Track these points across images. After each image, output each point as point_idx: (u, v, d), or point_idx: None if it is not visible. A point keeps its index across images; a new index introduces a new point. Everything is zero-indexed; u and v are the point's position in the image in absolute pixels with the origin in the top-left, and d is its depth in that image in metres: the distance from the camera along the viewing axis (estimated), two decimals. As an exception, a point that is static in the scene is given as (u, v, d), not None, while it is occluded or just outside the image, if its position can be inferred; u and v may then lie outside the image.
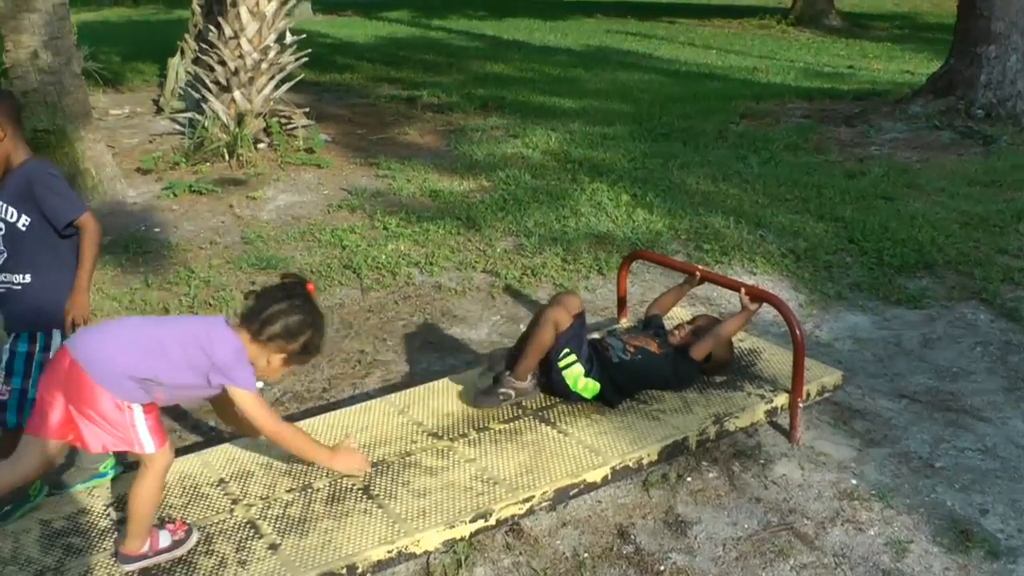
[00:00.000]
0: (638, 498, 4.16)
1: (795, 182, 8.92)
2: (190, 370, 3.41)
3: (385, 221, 7.99)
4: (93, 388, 3.29)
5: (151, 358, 3.35)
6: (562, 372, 4.46)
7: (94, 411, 3.30)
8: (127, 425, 3.32)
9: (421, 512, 3.75)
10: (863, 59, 18.49)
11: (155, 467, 3.40)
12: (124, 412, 3.32)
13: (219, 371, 3.41)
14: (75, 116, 8.29)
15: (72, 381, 3.31)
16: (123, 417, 3.32)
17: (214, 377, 3.42)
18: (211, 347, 3.41)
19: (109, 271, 6.99)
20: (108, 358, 3.33)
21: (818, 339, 5.77)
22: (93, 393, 3.29)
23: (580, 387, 4.48)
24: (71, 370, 3.31)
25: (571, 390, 4.49)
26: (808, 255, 7.06)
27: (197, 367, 3.41)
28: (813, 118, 12.02)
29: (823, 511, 4.05)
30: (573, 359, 4.45)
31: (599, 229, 7.71)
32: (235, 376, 3.44)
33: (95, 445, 3.33)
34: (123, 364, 3.32)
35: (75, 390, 3.31)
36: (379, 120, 12.34)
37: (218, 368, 3.41)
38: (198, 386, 3.47)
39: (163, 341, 3.40)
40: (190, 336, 3.43)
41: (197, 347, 3.40)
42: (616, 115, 12.33)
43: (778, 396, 4.64)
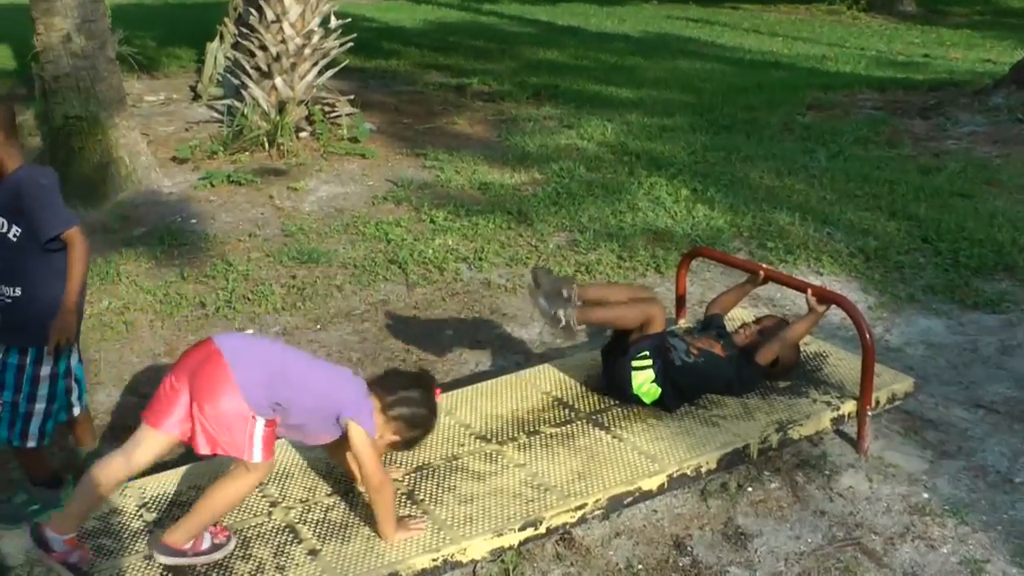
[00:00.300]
0: (696, 508, 4.15)
1: (865, 177, 8.84)
2: (319, 414, 3.59)
3: (432, 214, 8.03)
4: (228, 385, 3.39)
5: (291, 386, 3.51)
6: (632, 370, 4.47)
7: (216, 411, 3.39)
8: (245, 434, 3.42)
9: (468, 519, 3.78)
10: (940, 47, 18.26)
11: (253, 476, 3.49)
12: (247, 422, 3.42)
13: (349, 409, 3.56)
14: (109, 102, 8.40)
15: (206, 372, 3.42)
16: (244, 426, 3.42)
17: (346, 410, 3.55)
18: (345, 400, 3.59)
19: (143, 263, 7.09)
20: (256, 365, 3.48)
21: (888, 344, 5.72)
22: (225, 390, 3.39)
23: (644, 391, 4.49)
24: (211, 359, 3.43)
25: (632, 390, 4.50)
26: (879, 255, 7.00)
27: (327, 415, 3.58)
28: (885, 110, 11.90)
29: (892, 526, 4.02)
30: (649, 363, 4.46)
31: (657, 225, 7.70)
32: (362, 417, 3.57)
33: (204, 448, 3.42)
34: (266, 378, 3.47)
35: (206, 383, 3.41)
36: (427, 109, 12.38)
37: (348, 407, 3.57)
38: (318, 427, 3.63)
39: (308, 379, 3.58)
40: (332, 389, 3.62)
41: (332, 399, 3.58)
42: (676, 105, 12.28)
43: (845, 403, 4.61)
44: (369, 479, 3.56)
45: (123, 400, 5.20)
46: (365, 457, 3.55)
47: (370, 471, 3.56)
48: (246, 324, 6.07)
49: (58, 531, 3.44)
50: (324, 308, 6.34)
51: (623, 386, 4.53)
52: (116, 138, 8.47)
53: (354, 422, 3.54)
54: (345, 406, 3.56)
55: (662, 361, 4.49)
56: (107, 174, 8.41)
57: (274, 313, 6.24)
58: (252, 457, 3.43)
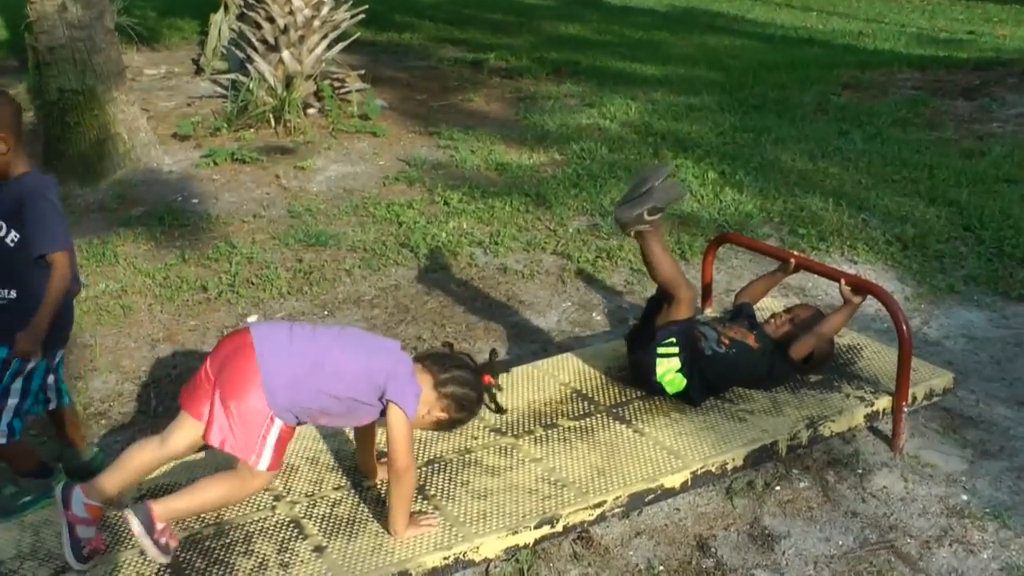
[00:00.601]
0: (720, 507, 4.15)
1: (904, 161, 8.80)
2: (359, 398, 3.60)
3: (446, 196, 8.03)
4: (253, 385, 3.45)
5: (326, 378, 3.54)
6: (657, 356, 4.46)
7: (237, 406, 3.44)
8: (260, 435, 3.46)
9: (481, 516, 3.78)
10: (986, 24, 18.16)
11: (253, 483, 3.54)
12: (264, 422, 3.47)
13: (393, 389, 3.57)
14: (107, 76, 8.40)
15: (235, 365, 3.48)
16: (261, 426, 3.46)
17: (390, 390, 3.56)
18: (389, 379, 3.59)
19: (142, 245, 7.11)
20: (285, 365, 3.51)
21: (926, 337, 5.70)
22: (249, 390, 3.45)
23: (667, 379, 4.47)
24: (242, 352, 3.50)
25: (656, 379, 4.48)
26: (917, 243, 6.97)
27: (368, 397, 3.60)
28: (926, 90, 11.84)
29: (928, 529, 4.01)
30: (675, 351, 4.45)
31: (683, 209, 7.68)
32: (406, 399, 3.58)
33: (215, 438, 3.46)
34: (292, 380, 3.50)
35: (232, 376, 3.47)
36: (441, 85, 12.38)
37: (393, 387, 3.58)
38: (357, 412, 3.65)
39: (346, 366, 3.59)
40: (375, 370, 3.60)
41: (373, 384, 3.58)
42: (703, 84, 12.25)
43: (880, 399, 4.60)
44: (396, 461, 3.57)
45: (120, 388, 5.23)
46: (399, 439, 3.56)
47: (400, 453, 3.56)
48: (250, 309, 6.08)
49: (85, 493, 3.50)
50: (332, 293, 6.35)
51: (647, 373, 4.52)
52: (114, 113, 8.48)
53: (396, 403, 3.55)
54: (389, 385, 3.57)
55: (690, 351, 4.47)
56: (104, 151, 8.43)
57: (279, 298, 6.25)
58: (258, 463, 3.47)
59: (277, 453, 3.50)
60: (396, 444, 3.56)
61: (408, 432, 3.58)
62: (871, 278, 6.25)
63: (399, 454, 3.55)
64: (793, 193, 8.00)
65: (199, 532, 3.70)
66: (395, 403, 3.55)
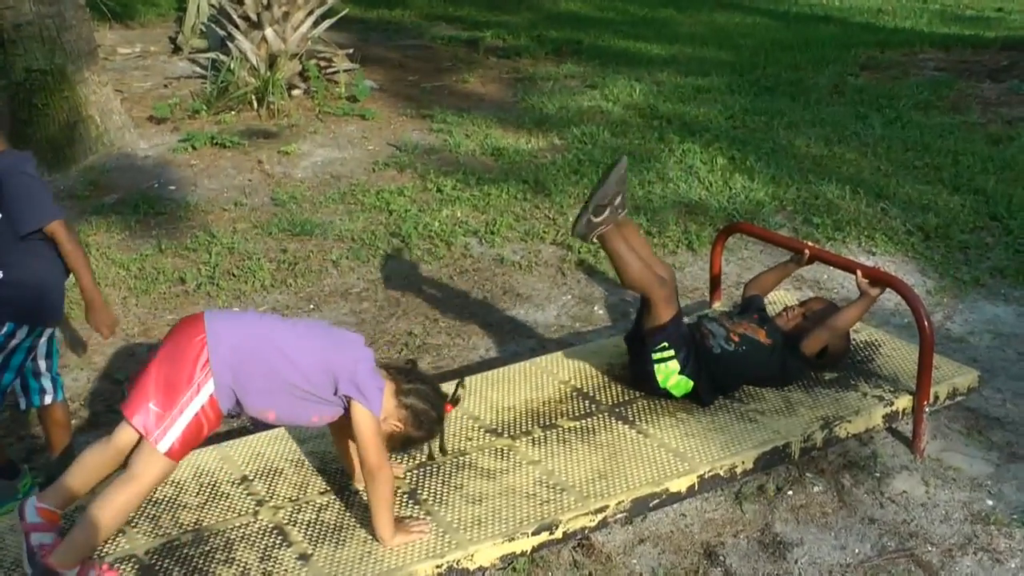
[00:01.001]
0: (729, 513, 4.15)
1: (926, 146, 8.80)
2: (311, 391, 3.58)
3: (439, 183, 8.03)
4: (192, 351, 3.44)
5: (273, 363, 3.53)
6: (653, 364, 4.46)
7: (169, 372, 3.43)
8: (177, 407, 3.41)
9: (476, 521, 3.78)
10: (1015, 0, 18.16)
11: (148, 475, 3.44)
12: (189, 392, 3.42)
13: (353, 383, 3.56)
14: (77, 55, 8.39)
15: (181, 336, 3.50)
16: (183, 396, 3.42)
17: (344, 386, 3.55)
18: (349, 372, 3.57)
19: (116, 234, 7.11)
20: (232, 336, 3.52)
21: (949, 332, 5.71)
22: (186, 355, 3.44)
23: (671, 384, 4.48)
24: (192, 324, 3.52)
25: (659, 386, 4.49)
26: (940, 233, 6.98)
27: (323, 391, 3.58)
28: (950, 71, 11.84)
29: (951, 536, 4.02)
30: (671, 354, 4.44)
31: (690, 197, 7.68)
32: (369, 394, 3.57)
33: (132, 409, 3.42)
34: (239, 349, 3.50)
35: (175, 346, 3.48)
36: (434, 65, 12.37)
37: (353, 381, 3.56)
38: (311, 406, 3.62)
39: (299, 352, 3.58)
40: (333, 362, 3.59)
41: (330, 376, 3.57)
42: (712, 64, 12.24)
43: (899, 398, 4.60)
44: (366, 461, 3.56)
45: (92, 386, 5.23)
46: (367, 437, 3.55)
47: (369, 452, 3.55)
48: (231, 302, 6.08)
49: (40, 498, 3.50)
50: (318, 286, 6.35)
51: (649, 383, 4.52)
52: (85, 95, 8.47)
53: (358, 400, 3.54)
54: (351, 380, 3.56)
55: (688, 350, 4.47)
56: (75, 135, 8.42)
57: (262, 291, 6.26)
58: (160, 441, 3.39)
59: (185, 438, 3.43)
60: (364, 443, 3.55)
61: (376, 428, 3.57)
62: (890, 270, 6.26)
63: (369, 453, 3.55)
64: (807, 180, 8.00)
65: (176, 539, 3.70)
66: (357, 400, 3.54)
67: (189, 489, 4.01)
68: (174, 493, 3.96)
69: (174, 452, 3.42)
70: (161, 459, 3.42)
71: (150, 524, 3.78)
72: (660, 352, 4.43)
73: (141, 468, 3.43)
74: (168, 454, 3.41)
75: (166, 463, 3.44)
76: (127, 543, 3.67)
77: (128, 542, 3.67)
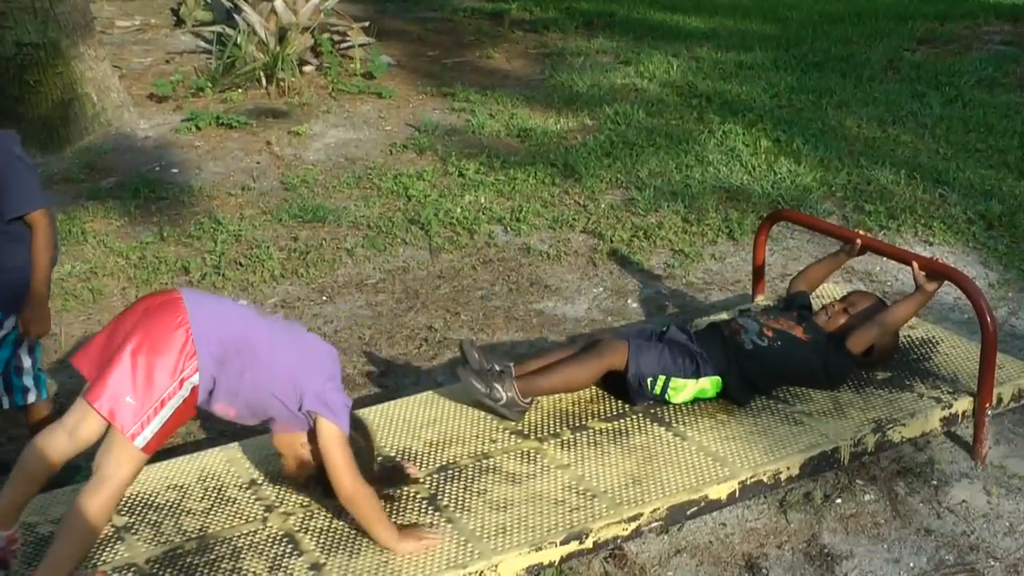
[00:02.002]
0: (773, 522, 4.15)
1: (989, 127, 8.76)
2: (282, 400, 3.58)
3: (461, 166, 8.04)
4: (177, 339, 3.40)
5: (254, 364, 3.53)
6: (666, 399, 4.48)
7: (149, 360, 3.37)
8: (158, 399, 3.39)
9: (500, 530, 3.79)
10: (1083, -30, 18.04)
11: (123, 473, 3.40)
12: (172, 387, 3.39)
13: (320, 400, 3.56)
14: (72, 28, 8.42)
15: (161, 317, 3.44)
16: (166, 390, 3.39)
17: (310, 402, 3.55)
18: (317, 388, 3.58)
19: (114, 220, 7.15)
20: (216, 331, 3.48)
21: (1014, 329, 5.69)
22: (171, 343, 3.40)
23: (693, 394, 4.49)
24: (171, 306, 3.46)
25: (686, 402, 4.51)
26: (1004, 221, 6.95)
27: (290, 403, 3.58)
28: (1017, 45, 11.76)
29: (1016, 551, 4.00)
30: (663, 379, 4.45)
31: (731, 182, 7.67)
32: (338, 410, 3.58)
33: (104, 400, 3.36)
34: (221, 350, 3.47)
35: (154, 326, 3.42)
36: (456, 39, 12.38)
37: (320, 398, 3.56)
38: (283, 416, 3.62)
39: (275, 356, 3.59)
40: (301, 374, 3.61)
41: (295, 388, 3.57)
42: (756, 38, 12.21)
43: (959, 400, 4.59)
44: (340, 488, 3.57)
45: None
46: (337, 458, 3.55)
47: (342, 476, 3.56)
48: (237, 294, 6.12)
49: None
50: (331, 276, 6.37)
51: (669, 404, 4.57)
52: (81, 71, 8.51)
53: (322, 415, 3.54)
54: (319, 396, 3.56)
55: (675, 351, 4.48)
56: (70, 114, 8.46)
57: (271, 281, 6.28)
58: (139, 436, 3.36)
59: (161, 434, 3.42)
60: (334, 462, 3.55)
61: (344, 446, 3.57)
62: (949, 261, 6.24)
63: (342, 476, 3.55)
64: (859, 164, 7.98)
65: (179, 547, 3.72)
66: (326, 416, 3.54)
67: (194, 494, 4.03)
68: (177, 498, 3.99)
69: (150, 447, 3.41)
70: (136, 454, 3.39)
71: (152, 531, 3.80)
72: (654, 387, 4.47)
73: (114, 467, 3.38)
74: (144, 449, 3.39)
75: (140, 459, 3.42)
76: (127, 551, 3.69)
77: (128, 550, 3.70)
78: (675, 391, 4.47)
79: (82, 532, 3.38)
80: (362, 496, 3.59)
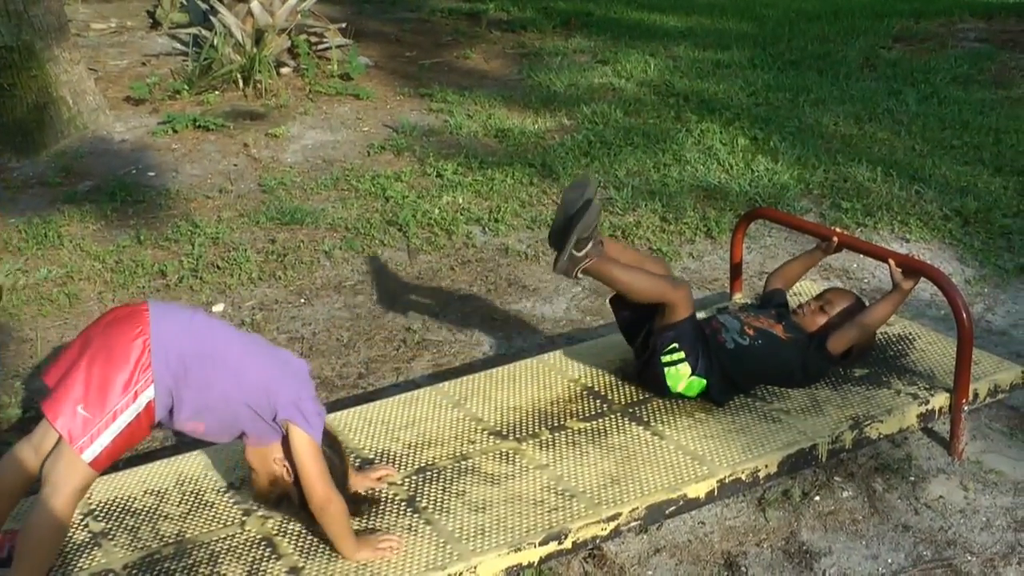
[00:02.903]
0: (752, 520, 4.16)
1: (965, 124, 8.79)
2: (252, 411, 3.56)
3: (439, 167, 8.03)
4: (133, 350, 3.37)
5: (217, 374, 3.50)
6: (663, 367, 4.45)
7: (103, 371, 3.35)
8: (110, 412, 3.35)
9: (479, 531, 3.79)
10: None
11: (67, 486, 3.36)
12: (125, 399, 3.36)
13: (295, 407, 3.55)
14: (46, 30, 8.37)
15: (120, 328, 3.43)
16: (119, 402, 3.36)
17: (284, 411, 3.54)
18: (284, 396, 3.56)
19: (91, 224, 7.12)
20: (178, 344, 3.46)
21: (990, 325, 5.71)
22: (127, 354, 3.37)
23: (682, 388, 4.47)
24: (134, 317, 3.45)
25: (670, 392, 4.48)
26: (980, 218, 6.97)
27: (262, 413, 3.56)
28: (992, 42, 11.82)
29: (993, 545, 4.02)
30: (681, 356, 4.43)
31: (709, 180, 7.68)
32: (311, 419, 3.56)
33: (55, 410, 3.34)
34: (182, 358, 3.44)
35: (113, 337, 3.40)
36: (433, 40, 12.37)
37: (295, 406, 3.55)
38: (253, 429, 3.60)
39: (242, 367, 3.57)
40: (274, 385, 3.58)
41: (268, 398, 3.55)
42: (733, 36, 12.23)
43: (936, 396, 4.60)
44: (311, 497, 3.56)
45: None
46: (309, 467, 3.54)
47: (314, 484, 3.54)
48: (215, 297, 6.10)
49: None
50: (309, 278, 6.36)
51: (659, 387, 4.52)
52: (56, 74, 8.46)
53: (295, 423, 3.53)
54: (283, 404, 3.55)
55: (702, 347, 4.45)
56: (44, 117, 8.42)
57: (249, 284, 6.27)
58: (86, 450, 3.33)
59: (114, 448, 3.38)
60: (307, 470, 3.54)
61: (318, 456, 3.56)
62: (926, 258, 6.26)
63: (313, 486, 3.54)
64: (836, 161, 8.00)
65: (157, 552, 3.71)
66: (299, 424, 3.53)
67: (171, 498, 4.02)
68: (155, 502, 3.97)
69: (99, 462, 3.37)
70: (84, 468, 3.35)
71: (129, 536, 3.79)
72: (670, 354, 4.41)
73: (63, 480, 3.34)
74: (92, 464, 3.35)
75: (88, 473, 3.38)
76: (104, 557, 3.67)
77: (105, 556, 3.68)
78: (676, 375, 4.44)
79: (37, 545, 3.36)
80: (335, 507, 3.58)
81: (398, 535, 3.73)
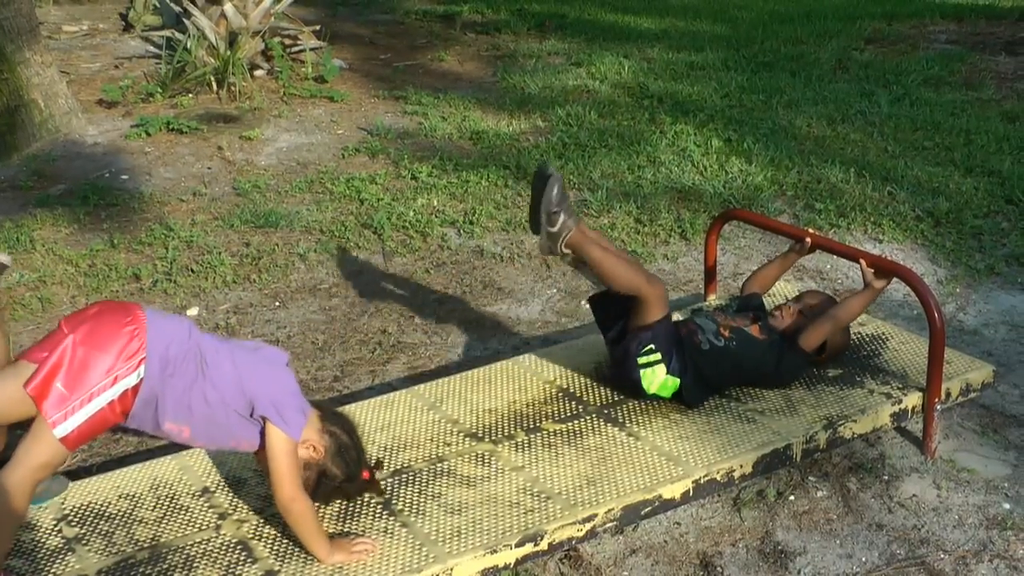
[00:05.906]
0: (727, 520, 4.17)
1: (936, 125, 8.83)
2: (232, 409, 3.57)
3: (414, 169, 8.03)
4: (122, 336, 3.40)
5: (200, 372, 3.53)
6: (639, 369, 4.45)
7: (87, 352, 3.37)
8: (87, 391, 3.36)
9: (455, 533, 3.78)
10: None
11: (35, 458, 3.37)
12: (104, 382, 3.37)
13: (272, 404, 3.55)
14: (17, 32, 8.33)
15: (113, 316, 3.46)
16: (97, 384, 3.37)
17: (262, 407, 3.54)
18: (263, 392, 3.57)
19: (63, 228, 7.09)
20: (167, 339, 3.49)
21: (962, 324, 5.73)
22: (115, 339, 3.40)
23: (656, 389, 4.47)
24: (127, 308, 3.50)
25: (646, 393, 4.48)
26: (951, 218, 7.01)
27: (241, 411, 3.57)
28: (963, 44, 11.88)
29: (966, 543, 4.03)
30: (657, 358, 4.43)
31: (683, 182, 7.70)
32: (286, 413, 3.56)
33: (37, 382, 3.34)
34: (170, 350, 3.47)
35: (104, 323, 3.43)
36: (407, 42, 12.37)
37: (272, 402, 3.56)
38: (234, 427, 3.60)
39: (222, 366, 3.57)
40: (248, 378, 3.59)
41: (243, 393, 3.57)
42: (706, 38, 12.26)
43: (908, 395, 4.61)
44: (277, 493, 3.54)
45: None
46: (279, 462, 3.52)
47: (283, 482, 3.53)
48: (189, 300, 6.08)
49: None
50: (284, 281, 6.35)
51: (635, 389, 4.51)
52: (27, 77, 8.43)
53: (273, 421, 3.53)
54: (262, 400, 3.55)
55: (677, 349, 4.45)
56: (16, 121, 8.38)
57: (224, 287, 6.25)
58: (59, 426, 3.33)
59: (85, 429, 3.38)
60: (276, 468, 3.53)
61: (290, 453, 3.55)
62: (898, 258, 6.29)
63: (281, 484, 3.52)
64: (809, 163, 8.02)
65: (131, 556, 3.69)
66: (275, 422, 3.53)
67: (145, 502, 4.00)
68: (129, 507, 3.96)
69: (70, 440, 3.37)
70: (54, 445, 3.35)
71: (103, 541, 3.77)
72: (646, 356, 4.41)
73: (33, 453, 3.35)
74: (64, 440, 3.35)
75: (58, 450, 3.38)
76: (77, 562, 3.65)
77: (79, 561, 3.66)
78: (651, 376, 4.44)
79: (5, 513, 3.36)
80: (300, 508, 3.56)
81: (373, 538, 3.72)
